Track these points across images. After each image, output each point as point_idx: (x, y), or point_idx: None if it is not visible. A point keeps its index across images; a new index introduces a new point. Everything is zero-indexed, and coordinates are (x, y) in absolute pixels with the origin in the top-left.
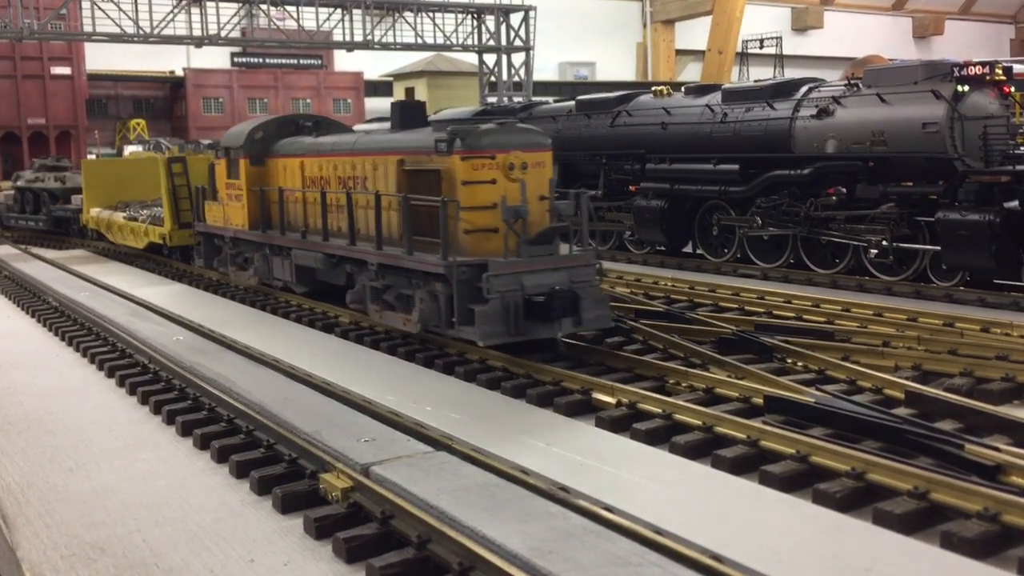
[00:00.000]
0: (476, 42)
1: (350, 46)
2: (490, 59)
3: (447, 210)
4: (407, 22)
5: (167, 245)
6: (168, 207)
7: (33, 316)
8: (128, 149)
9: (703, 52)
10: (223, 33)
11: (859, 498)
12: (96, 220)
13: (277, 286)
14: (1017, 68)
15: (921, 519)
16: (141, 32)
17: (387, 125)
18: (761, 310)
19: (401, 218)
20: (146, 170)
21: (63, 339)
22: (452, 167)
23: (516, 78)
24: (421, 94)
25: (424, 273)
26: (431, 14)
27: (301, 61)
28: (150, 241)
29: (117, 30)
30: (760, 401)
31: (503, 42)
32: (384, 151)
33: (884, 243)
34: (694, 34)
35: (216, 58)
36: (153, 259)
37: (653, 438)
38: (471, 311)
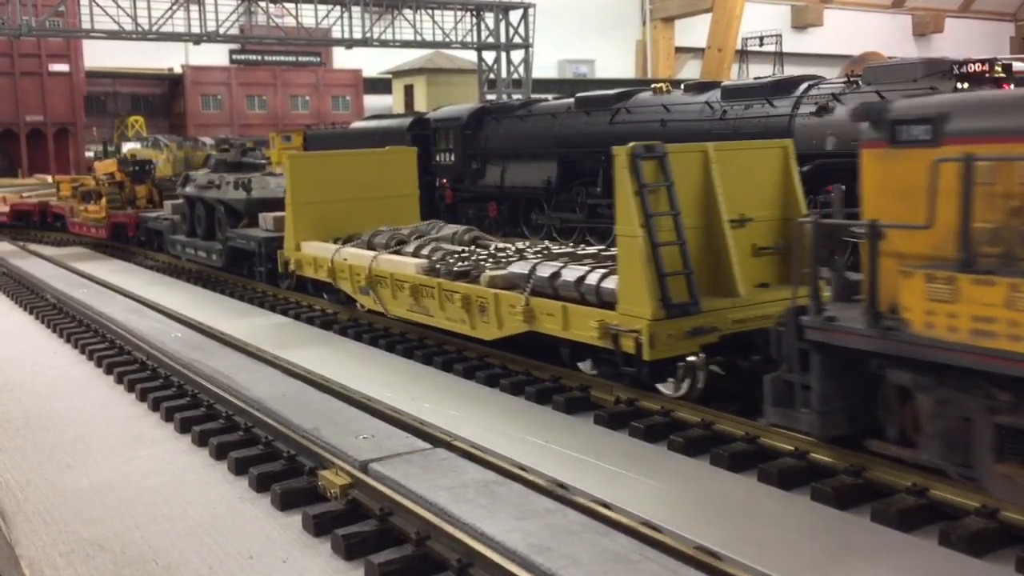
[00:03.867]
0: (475, 39)
1: (349, 43)
2: (489, 56)
3: None
4: (406, 19)
5: (638, 356)
6: (641, 263)
7: (32, 313)
8: (126, 146)
9: (703, 50)
10: (222, 30)
11: (857, 495)
12: (326, 266)
13: None
14: (1017, 66)
15: (919, 516)
16: (139, 29)
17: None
18: None
19: None
20: (393, 171)
21: (62, 336)
22: None
23: (515, 75)
24: (420, 91)
25: None
26: (430, 11)
27: (300, 58)
28: (533, 330)
29: (115, 27)
30: None
31: (502, 39)
32: None
33: None
34: (694, 31)
35: (214, 55)
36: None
37: (651, 435)
38: None
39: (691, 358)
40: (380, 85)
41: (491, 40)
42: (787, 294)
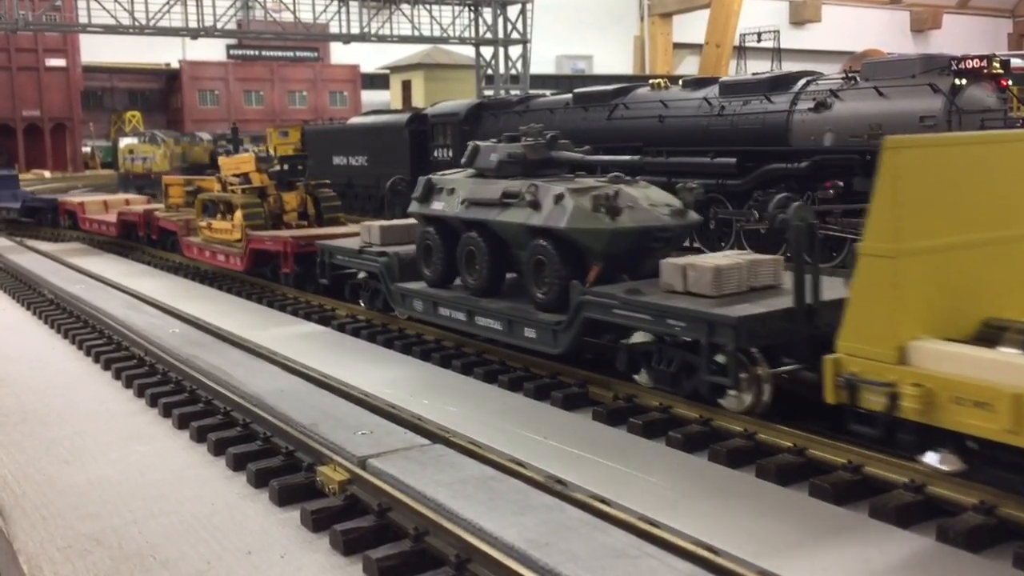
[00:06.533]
0: (473, 35)
1: (347, 38)
2: (487, 52)
3: None
4: (404, 14)
5: None
6: None
7: (29, 309)
8: (123, 142)
9: (700, 46)
10: (219, 25)
11: (855, 491)
12: None
13: None
14: (1015, 62)
15: (917, 512)
16: (136, 24)
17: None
18: None
19: None
20: None
21: (59, 332)
22: None
23: (513, 71)
24: (418, 87)
25: None
26: (428, 6)
27: (297, 54)
28: None
29: (112, 22)
30: None
31: (500, 35)
32: None
33: None
34: (692, 27)
35: (212, 50)
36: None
37: (650, 431)
38: None
39: None
40: (378, 80)
41: (489, 36)
42: None
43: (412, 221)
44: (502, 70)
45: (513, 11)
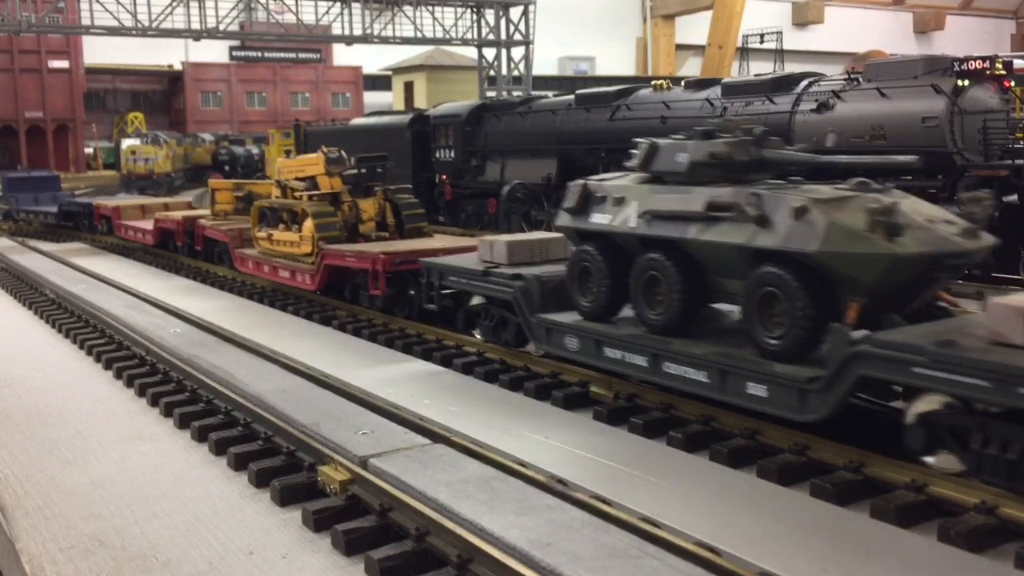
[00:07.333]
0: (475, 36)
1: (349, 40)
2: (489, 53)
3: None
4: (406, 16)
5: None
6: None
7: (31, 309)
8: (125, 143)
9: (703, 47)
10: (221, 27)
11: (856, 491)
12: None
13: None
14: (1017, 63)
15: (918, 512)
16: (139, 25)
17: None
18: None
19: None
20: None
21: (61, 332)
22: None
23: (516, 72)
24: (420, 88)
25: None
26: (430, 8)
27: (300, 55)
28: None
29: (115, 23)
30: None
31: (503, 36)
32: None
33: None
34: (694, 29)
35: (214, 52)
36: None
37: (650, 431)
38: None
39: None
40: (380, 82)
41: (491, 37)
42: None
43: (543, 235)
44: (504, 71)
45: (515, 12)
